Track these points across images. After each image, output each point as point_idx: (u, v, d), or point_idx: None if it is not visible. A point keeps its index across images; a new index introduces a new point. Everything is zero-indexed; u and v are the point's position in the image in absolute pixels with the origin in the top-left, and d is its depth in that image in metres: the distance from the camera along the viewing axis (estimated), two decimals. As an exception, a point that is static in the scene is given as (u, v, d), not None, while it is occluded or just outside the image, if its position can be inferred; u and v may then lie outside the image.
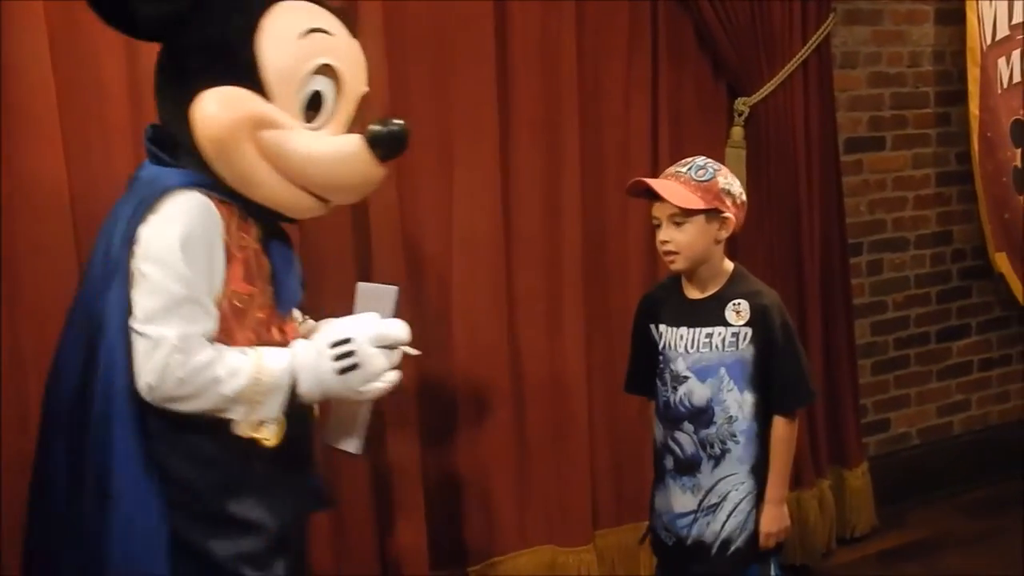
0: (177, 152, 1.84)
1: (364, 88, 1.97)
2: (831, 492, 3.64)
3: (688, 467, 2.42)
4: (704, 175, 2.37)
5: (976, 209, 4.02)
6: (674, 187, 2.38)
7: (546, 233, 3.10)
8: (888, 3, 3.92)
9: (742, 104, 3.36)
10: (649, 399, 2.54)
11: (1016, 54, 3.89)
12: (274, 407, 1.82)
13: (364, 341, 1.88)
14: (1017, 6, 3.88)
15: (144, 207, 1.76)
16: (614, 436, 3.26)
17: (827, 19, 3.50)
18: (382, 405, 2.80)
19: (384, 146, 1.88)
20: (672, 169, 2.44)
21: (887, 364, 4.04)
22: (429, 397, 2.96)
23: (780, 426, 2.40)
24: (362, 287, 2.06)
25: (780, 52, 3.39)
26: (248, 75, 1.79)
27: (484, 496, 3.08)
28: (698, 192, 2.35)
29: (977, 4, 3.83)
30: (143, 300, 1.73)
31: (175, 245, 1.73)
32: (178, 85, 1.82)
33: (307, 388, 1.86)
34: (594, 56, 3.15)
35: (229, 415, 1.79)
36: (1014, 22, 3.88)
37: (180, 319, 1.72)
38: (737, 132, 3.37)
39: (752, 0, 3.30)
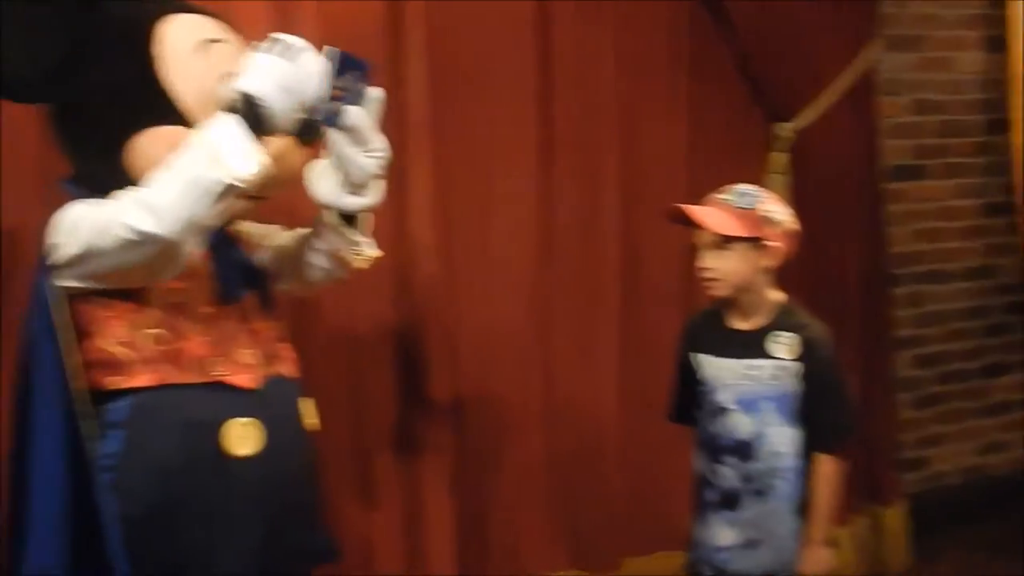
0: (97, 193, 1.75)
1: None
2: (866, 530, 3.56)
3: (730, 501, 2.36)
4: (746, 202, 2.32)
5: (1020, 242, 3.93)
6: (714, 214, 2.33)
7: (582, 254, 3.07)
8: (933, 30, 3.87)
9: (783, 130, 3.30)
10: (692, 428, 2.47)
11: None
12: (240, 142, 1.62)
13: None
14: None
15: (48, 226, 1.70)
16: (646, 462, 3.20)
17: (872, 45, 3.44)
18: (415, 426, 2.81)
19: (307, 133, 1.76)
20: (715, 195, 2.40)
21: (927, 399, 3.96)
22: (461, 417, 2.92)
23: (824, 464, 2.33)
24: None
25: (823, 78, 3.35)
26: (166, 109, 1.73)
27: (513, 518, 3.03)
28: (739, 219, 2.30)
29: (1021, 31, 3.76)
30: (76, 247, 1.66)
31: (74, 212, 1.68)
32: (96, 136, 1.77)
33: (251, 85, 1.66)
34: (633, 77, 3.12)
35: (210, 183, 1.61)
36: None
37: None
38: (777, 158, 3.30)
39: (794, 25, 3.25)
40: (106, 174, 1.74)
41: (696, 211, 2.34)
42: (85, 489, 1.69)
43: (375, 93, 1.79)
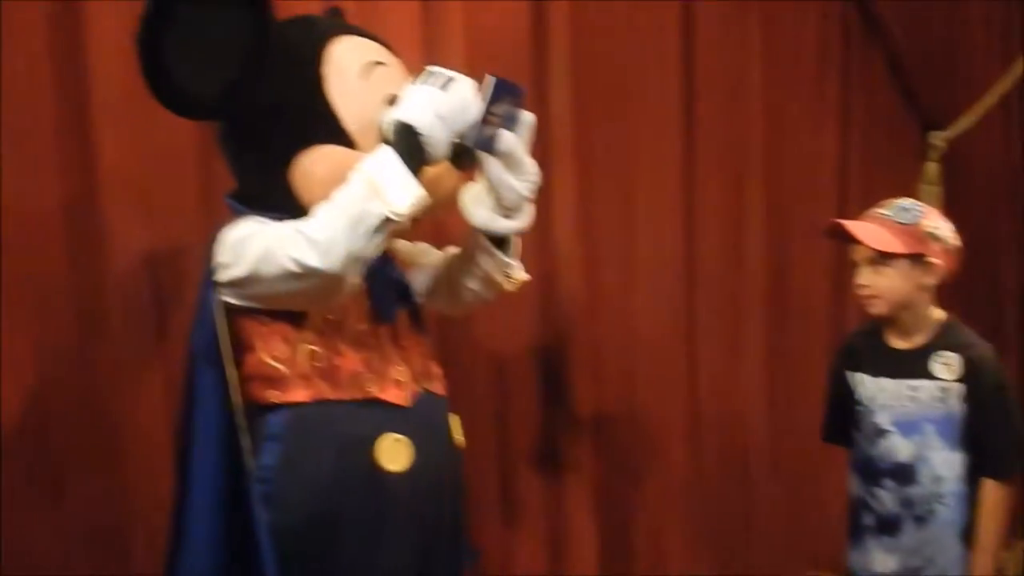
0: (255, 207, 1.81)
1: None
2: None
3: (889, 526, 2.29)
4: (907, 218, 2.25)
5: None
6: (873, 229, 2.27)
7: (729, 268, 3.04)
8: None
9: (938, 139, 3.20)
10: (847, 449, 2.41)
11: None
12: (398, 175, 1.65)
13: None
14: None
15: (214, 241, 1.76)
16: (794, 481, 3.17)
17: (1029, 51, 3.33)
18: (559, 442, 2.80)
19: (462, 159, 1.79)
20: (874, 210, 2.33)
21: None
22: (605, 433, 2.91)
23: (990, 491, 2.24)
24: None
25: (979, 85, 3.26)
26: (331, 129, 1.77)
27: (656, 536, 3.01)
28: (899, 235, 2.23)
29: None
30: (249, 261, 1.70)
31: (239, 233, 1.72)
32: (262, 151, 1.81)
33: (407, 114, 1.69)
34: (781, 88, 3.09)
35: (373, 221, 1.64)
36: None
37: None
38: (932, 169, 3.22)
39: (950, 30, 3.16)
40: (270, 191, 1.80)
41: (855, 227, 2.28)
42: (241, 500, 1.74)
43: (527, 118, 1.81)
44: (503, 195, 1.81)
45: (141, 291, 2.22)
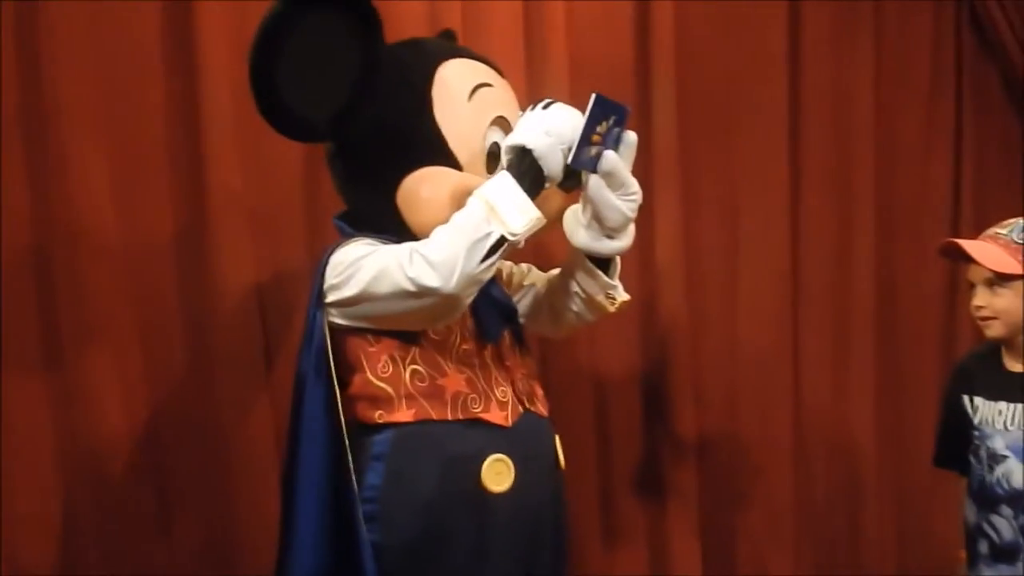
0: (360, 227, 1.85)
1: None
2: None
3: (1007, 554, 2.22)
4: None
5: None
6: (991, 249, 2.21)
7: (836, 289, 3.00)
8: None
9: (1056, 162, 3.12)
10: (961, 475, 2.34)
11: None
12: (515, 197, 1.68)
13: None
14: None
15: (321, 267, 1.79)
16: (904, 505, 3.11)
17: None
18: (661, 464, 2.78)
19: (568, 180, 1.80)
20: (992, 230, 2.27)
21: None
22: (708, 455, 2.89)
23: (1113, 519, 2.16)
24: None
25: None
26: (437, 151, 1.80)
27: (761, 561, 2.97)
28: (1017, 255, 2.18)
29: None
30: (362, 281, 1.73)
31: (352, 255, 1.75)
32: (369, 171, 1.85)
33: (522, 137, 1.71)
34: (891, 107, 3.05)
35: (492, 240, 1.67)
36: None
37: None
38: (1050, 191, 3.12)
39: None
40: (377, 212, 1.83)
41: (971, 246, 2.23)
42: (346, 519, 1.76)
43: (630, 137, 1.81)
44: (606, 215, 1.81)
45: (250, 317, 2.27)
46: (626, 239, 1.87)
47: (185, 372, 2.24)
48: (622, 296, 1.99)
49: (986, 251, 2.21)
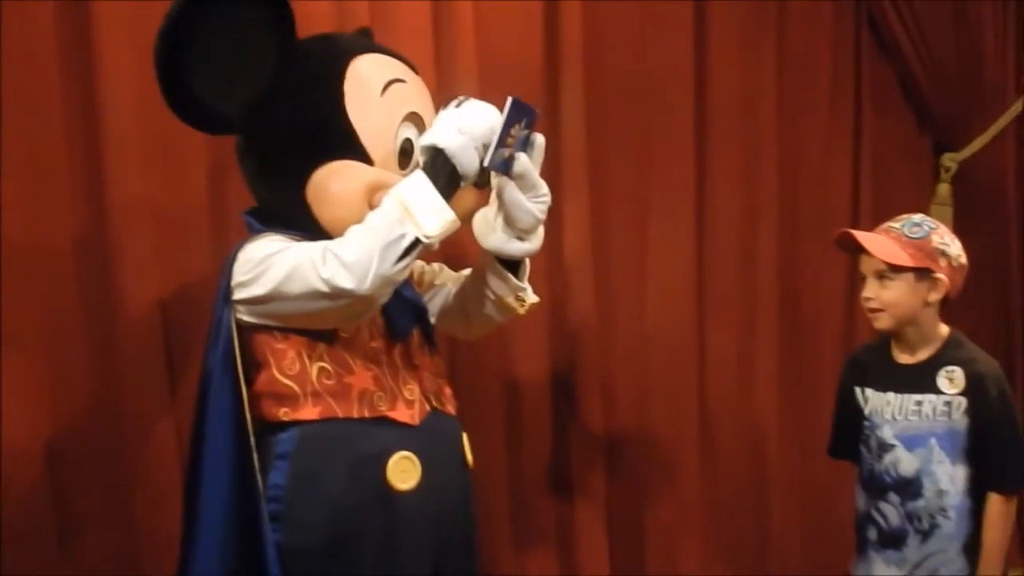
0: (270, 223, 1.85)
1: None
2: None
3: (893, 540, 2.30)
4: (918, 232, 2.27)
5: None
6: (883, 242, 2.29)
7: (741, 287, 3.05)
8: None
9: (949, 160, 3.23)
10: (855, 465, 2.42)
11: None
12: (429, 198, 1.69)
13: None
14: None
15: (229, 263, 1.78)
16: (807, 497, 3.17)
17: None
18: (570, 461, 2.81)
19: (482, 178, 1.81)
20: (886, 224, 2.35)
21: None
22: (616, 451, 2.92)
23: (995, 504, 2.24)
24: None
25: (991, 106, 3.27)
26: (348, 145, 1.79)
27: (669, 554, 3.01)
28: (908, 249, 2.25)
29: None
30: (272, 279, 1.72)
31: (262, 251, 1.74)
32: (279, 165, 1.84)
33: (437, 137, 1.71)
34: (794, 107, 3.11)
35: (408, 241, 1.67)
36: None
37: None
38: (944, 189, 3.24)
39: (961, 50, 3.19)
40: (286, 207, 1.82)
41: (865, 237, 2.30)
42: (251, 519, 1.75)
43: (540, 140, 1.82)
44: (517, 217, 1.82)
45: (153, 326, 2.23)
46: (536, 241, 1.88)
47: (88, 385, 2.20)
48: (531, 298, 2.00)
49: (878, 243, 2.28)
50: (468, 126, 1.73)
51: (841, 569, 2.54)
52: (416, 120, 1.86)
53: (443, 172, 1.72)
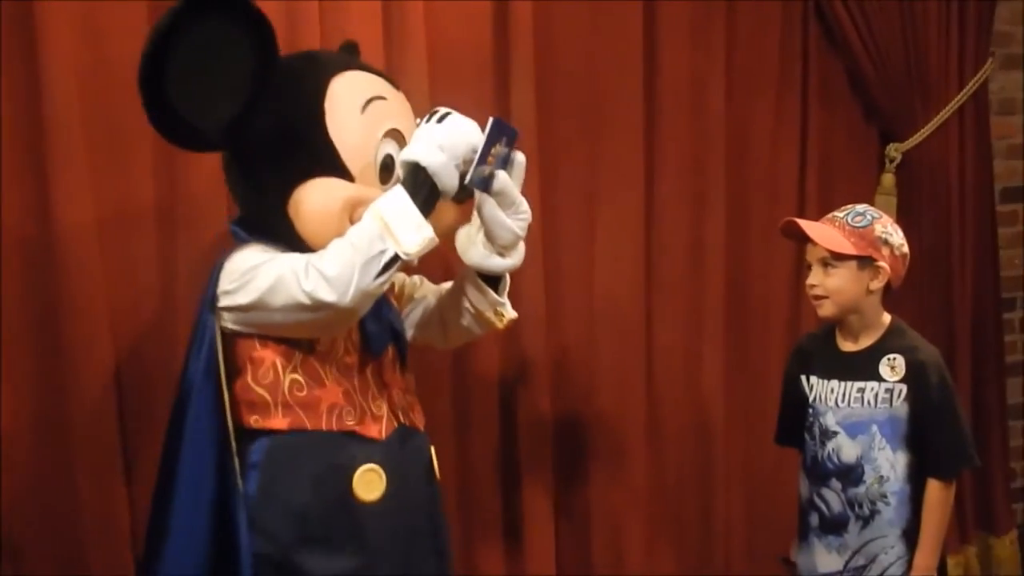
0: (255, 235, 1.89)
1: None
2: (977, 560, 3.48)
3: (834, 526, 2.34)
4: (861, 222, 2.32)
5: None
6: (827, 230, 2.33)
7: (689, 277, 3.05)
8: (1048, 49, 3.77)
9: (894, 150, 3.27)
10: (800, 452, 2.45)
11: None
12: (409, 215, 1.72)
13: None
14: None
15: (215, 273, 1.83)
16: (752, 484, 3.18)
17: (985, 63, 3.39)
18: (518, 451, 2.82)
19: (461, 193, 1.86)
20: (831, 214, 2.40)
21: (1039, 426, 3.84)
22: (566, 439, 2.92)
23: (934, 490, 2.29)
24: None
25: (935, 97, 3.30)
26: (328, 162, 1.83)
27: (616, 540, 3.01)
28: (851, 238, 2.29)
29: None
30: (256, 289, 1.76)
31: (248, 262, 1.79)
32: (261, 178, 1.87)
33: (418, 154, 1.75)
34: (742, 98, 3.10)
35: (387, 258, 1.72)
36: None
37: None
38: (888, 179, 3.27)
39: (907, 43, 3.22)
40: (269, 220, 1.86)
41: (808, 226, 2.34)
42: (226, 526, 1.80)
43: (520, 158, 1.88)
44: (497, 234, 1.87)
45: (102, 344, 2.24)
46: (516, 257, 1.95)
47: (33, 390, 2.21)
48: (510, 313, 2.07)
49: (822, 231, 2.32)
50: (449, 143, 1.76)
51: (787, 554, 2.57)
52: (397, 136, 1.89)
53: (423, 188, 1.75)
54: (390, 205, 1.73)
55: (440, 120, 1.79)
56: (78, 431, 2.23)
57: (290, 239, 1.83)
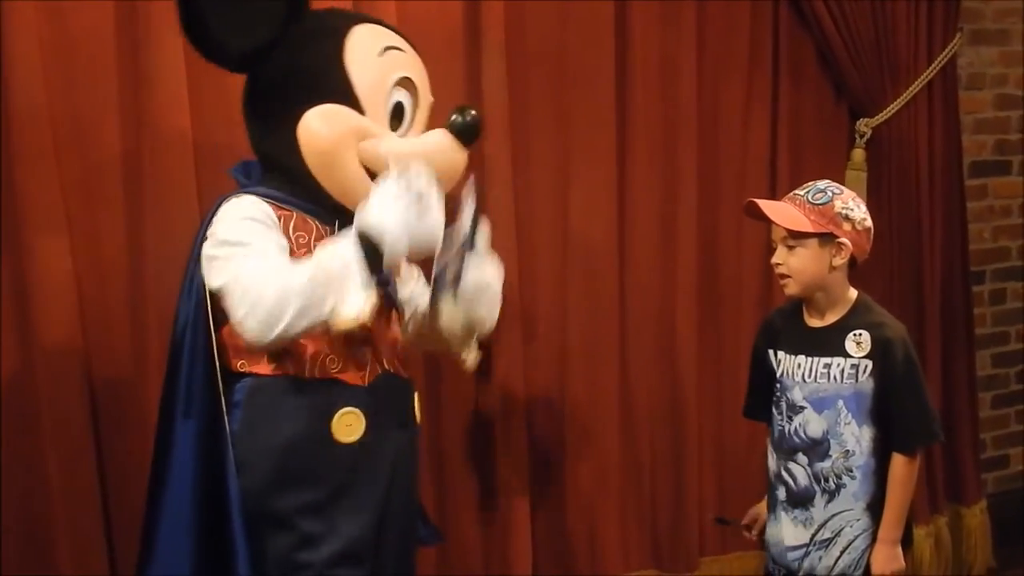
0: (264, 176, 2.00)
1: (431, 98, 2.08)
2: (947, 530, 3.53)
3: (801, 500, 2.36)
4: (821, 199, 2.31)
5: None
6: (785, 209, 2.33)
7: (660, 254, 3.07)
8: (1015, 23, 3.79)
9: (864, 126, 3.29)
10: (768, 426, 2.48)
11: None
12: (357, 284, 1.80)
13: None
14: None
15: (209, 217, 1.92)
16: (724, 461, 3.22)
17: (953, 39, 3.41)
18: (491, 429, 2.84)
19: (467, 133, 2.02)
20: (793, 192, 2.39)
21: (1008, 398, 3.91)
22: (538, 415, 2.95)
23: (899, 464, 2.31)
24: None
25: (904, 73, 3.32)
26: (343, 93, 1.93)
27: (590, 518, 3.05)
28: (811, 215, 2.29)
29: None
30: (217, 278, 1.85)
31: (230, 231, 1.86)
32: (276, 108, 1.96)
33: (391, 235, 1.80)
34: (713, 76, 3.12)
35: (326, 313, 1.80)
36: None
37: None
38: (858, 154, 3.29)
39: (876, 20, 3.24)
40: (280, 149, 1.94)
41: (768, 206, 2.34)
42: (217, 459, 1.89)
43: (486, 228, 2.03)
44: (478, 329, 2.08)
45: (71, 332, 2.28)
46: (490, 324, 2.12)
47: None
48: (473, 360, 2.19)
49: (781, 211, 2.33)
50: (417, 232, 1.81)
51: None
52: (410, 86, 2.01)
53: (374, 255, 1.80)
54: (343, 263, 1.79)
55: (420, 217, 1.81)
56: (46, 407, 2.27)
57: (298, 174, 1.91)
